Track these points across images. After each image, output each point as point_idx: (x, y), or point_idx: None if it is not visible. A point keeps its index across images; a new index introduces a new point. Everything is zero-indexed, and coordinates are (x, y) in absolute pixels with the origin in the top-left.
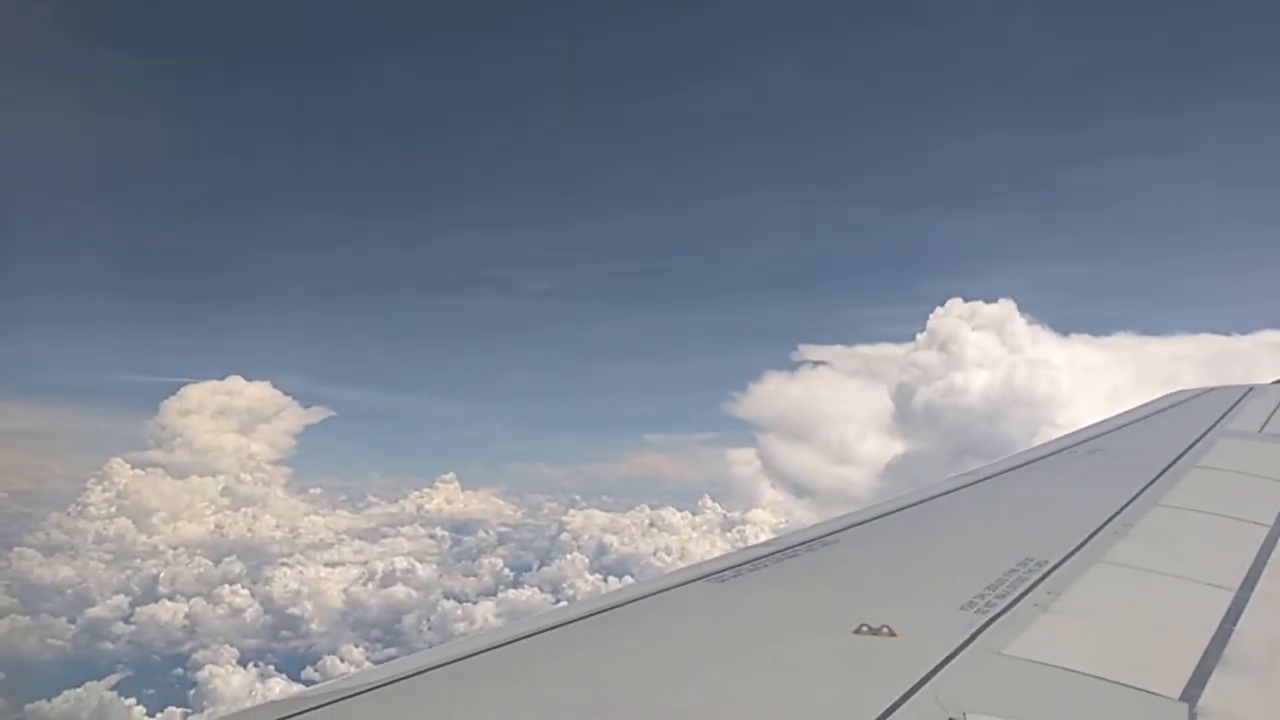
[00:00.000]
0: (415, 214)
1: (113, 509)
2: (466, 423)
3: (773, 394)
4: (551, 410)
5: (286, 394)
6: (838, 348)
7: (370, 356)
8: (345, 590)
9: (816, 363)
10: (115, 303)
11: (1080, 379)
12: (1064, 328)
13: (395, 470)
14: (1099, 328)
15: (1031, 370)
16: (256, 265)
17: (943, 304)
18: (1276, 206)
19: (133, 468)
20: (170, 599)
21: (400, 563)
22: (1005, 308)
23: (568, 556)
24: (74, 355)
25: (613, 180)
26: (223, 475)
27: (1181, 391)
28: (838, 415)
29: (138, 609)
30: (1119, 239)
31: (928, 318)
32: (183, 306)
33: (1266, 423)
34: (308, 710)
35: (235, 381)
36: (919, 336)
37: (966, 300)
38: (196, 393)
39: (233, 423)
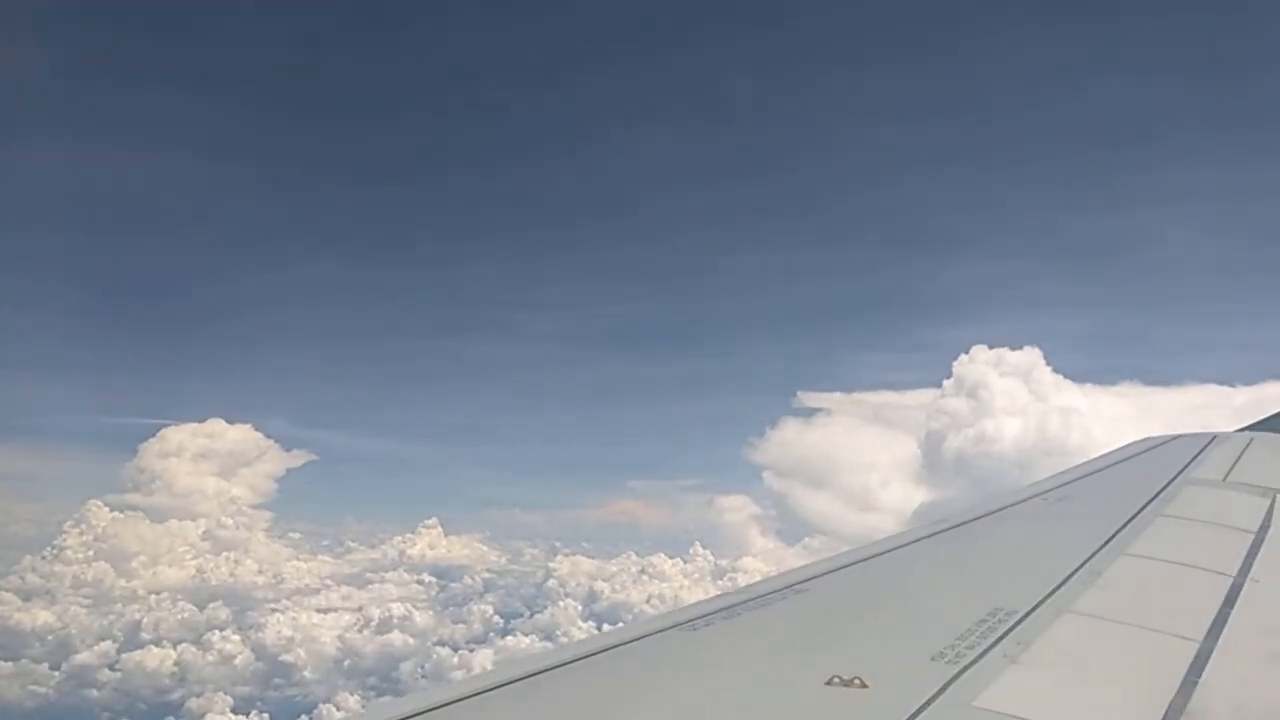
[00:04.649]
0: (402, 257)
1: (90, 552)
2: (443, 467)
3: (787, 440)
4: (528, 455)
5: (268, 437)
6: (837, 395)
7: (351, 400)
8: (340, 637)
9: (815, 409)
10: (91, 343)
11: (1109, 428)
12: (1070, 376)
13: (372, 515)
14: (1102, 376)
15: (1064, 419)
16: (239, 306)
17: (960, 350)
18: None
19: (111, 511)
20: (156, 645)
21: (397, 609)
22: (1031, 355)
23: (560, 604)
24: (47, 396)
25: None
26: (203, 519)
27: (1147, 439)
28: (857, 462)
29: (123, 655)
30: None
31: (925, 364)
32: (161, 347)
33: (1230, 471)
34: None
35: (216, 424)
36: (945, 383)
37: (991, 347)
38: (176, 435)
39: (213, 466)
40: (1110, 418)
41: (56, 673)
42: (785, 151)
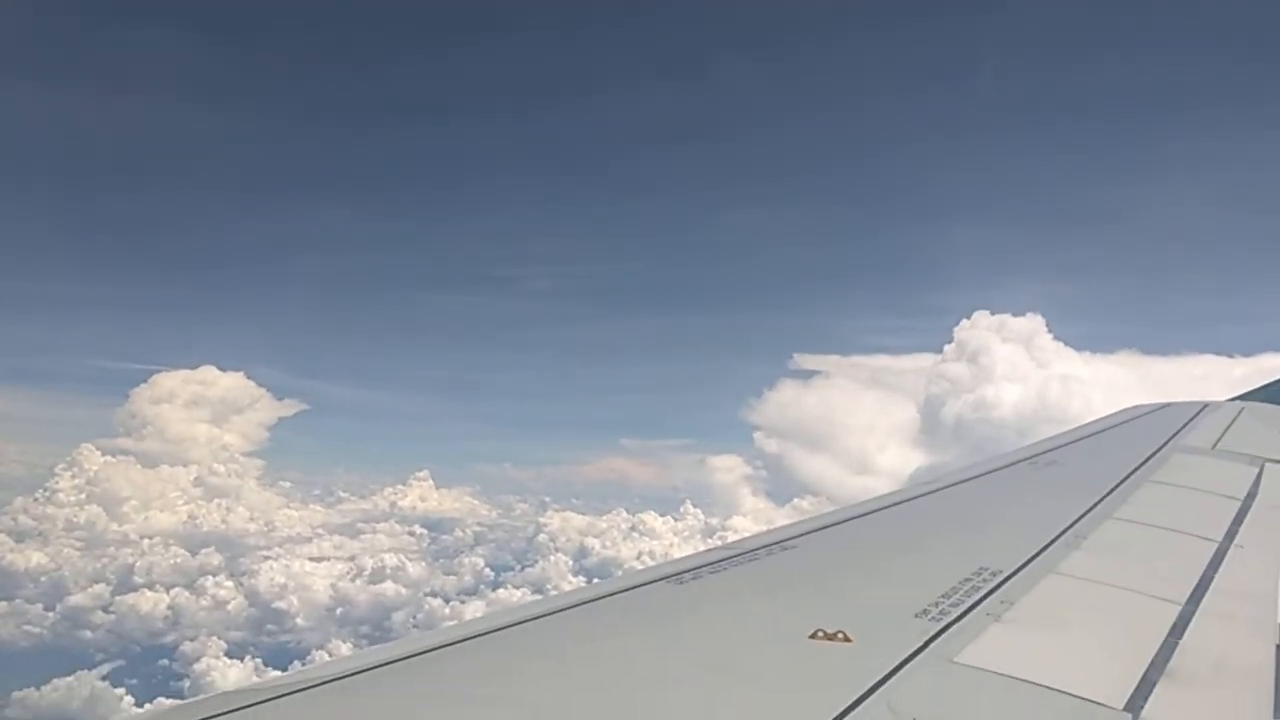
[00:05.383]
0: (405, 210)
1: (82, 496)
2: (435, 421)
3: (784, 402)
4: (521, 411)
5: (260, 385)
6: (834, 357)
7: (345, 351)
8: (333, 585)
9: (812, 372)
10: (84, 287)
11: (1109, 396)
12: (1068, 344)
13: (363, 466)
14: (1100, 345)
15: (1064, 386)
16: (234, 253)
17: (957, 316)
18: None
19: (102, 455)
20: (149, 589)
21: (390, 559)
22: (1033, 321)
23: (551, 558)
24: (39, 339)
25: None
26: (195, 465)
27: (1138, 406)
28: (855, 425)
29: (117, 598)
30: (1118, 257)
31: (922, 329)
32: (155, 292)
33: (1219, 439)
34: (282, 696)
35: (209, 371)
36: (946, 348)
37: (994, 313)
38: (168, 381)
39: (205, 413)
40: (1111, 386)
41: (51, 614)
42: (785, 113)
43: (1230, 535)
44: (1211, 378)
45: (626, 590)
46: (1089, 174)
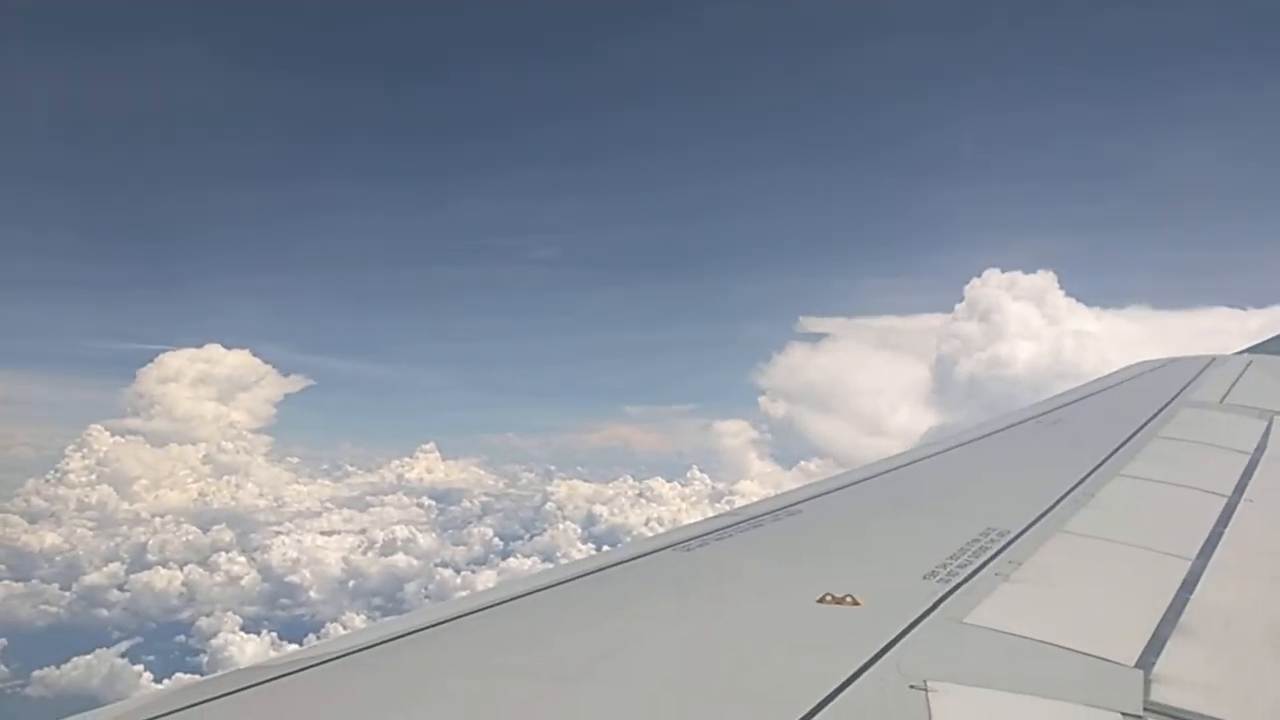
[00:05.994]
0: (405, 183)
1: (93, 476)
2: (438, 393)
3: (793, 365)
4: (523, 381)
5: (266, 362)
6: (840, 319)
7: (348, 324)
8: (344, 559)
9: (820, 334)
10: (87, 268)
11: (1123, 352)
12: (1079, 300)
13: (368, 439)
14: (1109, 300)
15: (1078, 343)
16: (236, 231)
17: (963, 275)
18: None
19: (111, 435)
20: (163, 566)
21: (401, 531)
22: (1044, 278)
23: (559, 526)
24: (44, 321)
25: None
26: (203, 443)
27: (1145, 362)
28: (865, 387)
29: (131, 576)
30: (1124, 211)
31: (928, 288)
32: (158, 272)
33: (1227, 393)
34: (298, 670)
35: (214, 349)
36: (957, 307)
37: (1004, 271)
38: (174, 360)
39: (212, 391)
40: (1124, 341)
41: (67, 593)
42: (787, 72)
43: (1240, 489)
44: (1225, 331)
45: (635, 558)
46: (1094, 126)
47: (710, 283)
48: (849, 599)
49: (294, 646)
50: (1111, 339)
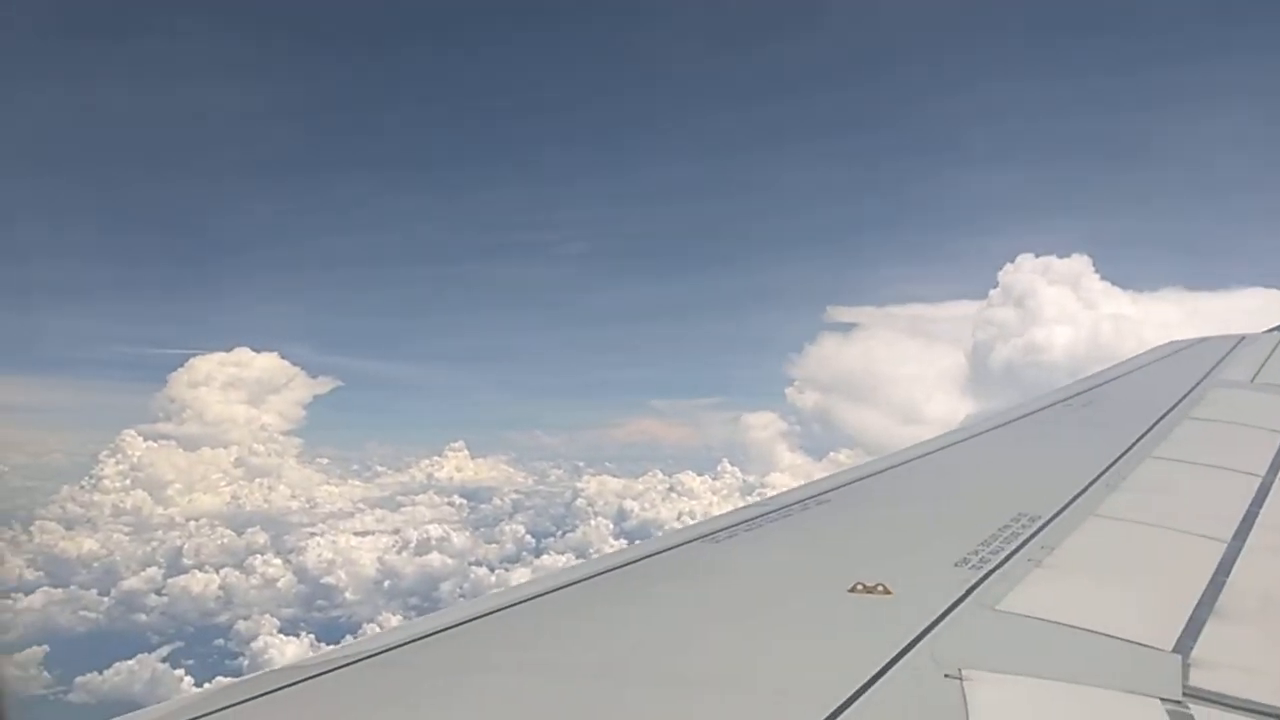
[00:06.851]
0: (425, 181)
1: (127, 481)
2: (465, 391)
3: (825, 355)
4: (548, 377)
5: (294, 364)
6: (868, 309)
7: (375, 325)
8: (379, 559)
9: (849, 325)
10: (116, 273)
11: (1161, 335)
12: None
13: (396, 439)
14: (1142, 283)
15: (1115, 327)
16: (258, 232)
17: (990, 261)
18: None
19: (144, 440)
20: (199, 570)
21: (435, 530)
22: (1079, 262)
23: (591, 522)
24: (76, 328)
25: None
26: (235, 446)
27: (1174, 342)
28: (900, 376)
29: (169, 580)
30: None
31: (955, 275)
32: (186, 277)
33: (1259, 372)
34: (333, 669)
35: (243, 353)
36: (991, 293)
37: (1038, 255)
38: (204, 364)
39: (242, 394)
40: (1160, 324)
41: (105, 598)
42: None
43: (1274, 468)
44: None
45: (664, 551)
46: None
47: (734, 275)
48: (880, 588)
49: (332, 648)
50: (1148, 322)
